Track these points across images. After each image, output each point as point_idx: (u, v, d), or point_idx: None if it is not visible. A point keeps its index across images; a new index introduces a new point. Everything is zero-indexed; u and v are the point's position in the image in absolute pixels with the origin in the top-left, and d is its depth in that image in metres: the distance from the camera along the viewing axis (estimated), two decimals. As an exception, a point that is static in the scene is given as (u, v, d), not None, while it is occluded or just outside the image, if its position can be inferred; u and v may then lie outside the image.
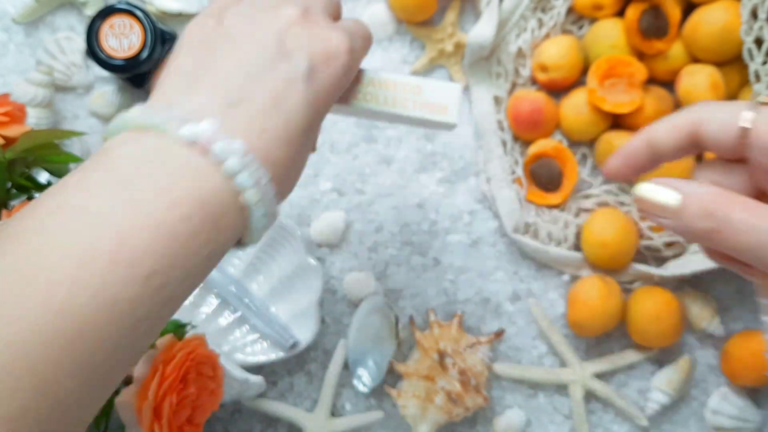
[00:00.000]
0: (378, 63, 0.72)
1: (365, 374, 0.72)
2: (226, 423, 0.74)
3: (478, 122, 0.71)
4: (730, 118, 0.38)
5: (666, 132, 0.41)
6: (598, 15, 0.69)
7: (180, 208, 0.32)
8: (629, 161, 0.43)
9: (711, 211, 0.36)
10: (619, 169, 0.43)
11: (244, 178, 0.35)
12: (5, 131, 0.60)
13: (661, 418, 0.72)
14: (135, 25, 0.65)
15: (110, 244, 0.30)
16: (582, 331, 0.68)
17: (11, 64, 0.74)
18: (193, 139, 0.34)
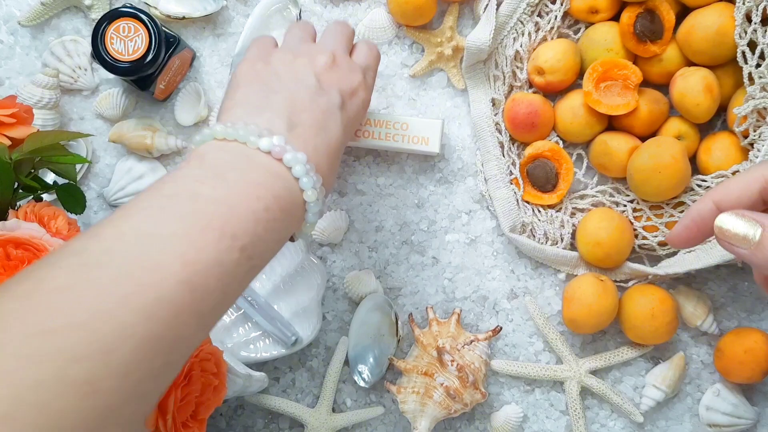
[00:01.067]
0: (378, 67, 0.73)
1: (365, 370, 0.73)
2: (230, 418, 0.75)
3: (475, 124, 0.72)
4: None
5: (738, 191, 0.42)
6: (594, 19, 0.70)
7: (264, 200, 0.43)
8: (698, 225, 0.43)
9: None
10: (687, 237, 0.44)
11: (306, 181, 0.46)
12: (12, 132, 0.61)
13: (655, 414, 0.73)
14: (140, 29, 0.66)
15: (220, 221, 0.39)
16: (578, 328, 0.69)
17: (18, 67, 0.75)
18: (268, 149, 0.45)
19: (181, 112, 0.74)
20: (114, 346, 0.33)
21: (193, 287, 0.37)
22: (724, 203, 0.42)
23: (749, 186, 0.41)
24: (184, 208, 0.39)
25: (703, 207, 0.43)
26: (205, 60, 0.75)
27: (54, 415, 0.30)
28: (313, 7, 0.74)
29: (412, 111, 0.73)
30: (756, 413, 0.70)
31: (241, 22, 0.74)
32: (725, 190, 0.42)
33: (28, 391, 0.30)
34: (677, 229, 0.44)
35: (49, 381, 0.30)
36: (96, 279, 0.34)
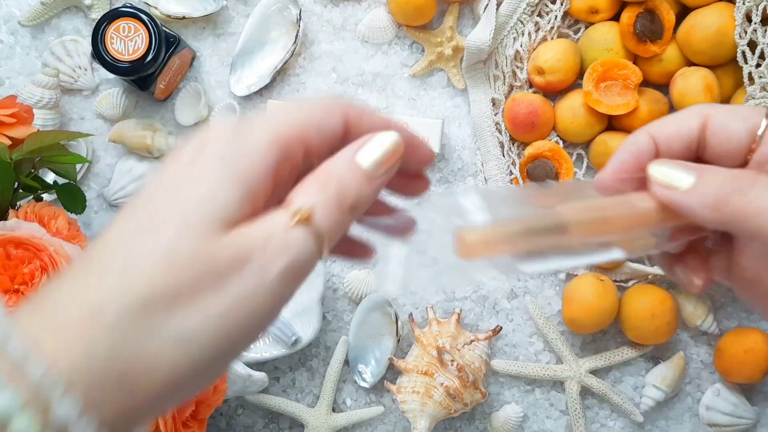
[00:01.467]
0: (378, 67, 0.73)
1: (366, 370, 0.73)
2: (230, 418, 0.75)
3: (476, 124, 0.72)
4: (744, 124, 0.36)
5: (677, 126, 0.38)
6: (594, 19, 0.70)
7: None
8: (636, 158, 0.39)
9: (735, 173, 0.34)
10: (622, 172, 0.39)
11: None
12: (12, 132, 0.61)
13: (655, 413, 0.73)
14: (140, 29, 0.66)
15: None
16: (578, 328, 0.69)
17: (18, 67, 0.75)
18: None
19: (181, 112, 0.74)
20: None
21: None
22: (660, 136, 0.38)
23: (688, 121, 0.38)
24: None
25: (640, 138, 0.39)
26: (205, 60, 0.75)
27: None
28: (313, 7, 0.74)
29: (412, 111, 0.73)
30: (756, 413, 0.70)
31: (241, 22, 0.74)
32: (662, 124, 0.39)
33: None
34: (612, 164, 0.39)
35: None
36: None
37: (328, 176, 0.31)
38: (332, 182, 0.31)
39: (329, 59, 0.74)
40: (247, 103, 0.74)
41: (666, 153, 0.38)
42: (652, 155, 0.38)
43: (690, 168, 0.35)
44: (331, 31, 0.74)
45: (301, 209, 0.30)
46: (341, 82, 0.74)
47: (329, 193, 0.31)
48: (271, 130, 0.31)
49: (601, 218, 0.35)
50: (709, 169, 0.35)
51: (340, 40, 0.74)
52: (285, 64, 0.73)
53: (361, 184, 0.32)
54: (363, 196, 0.32)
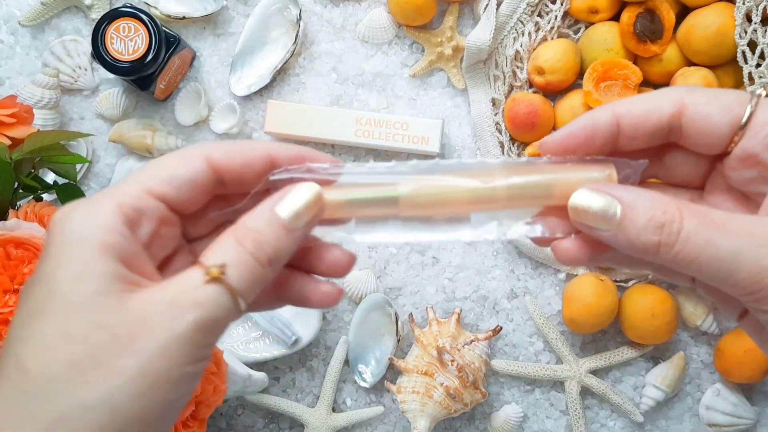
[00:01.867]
0: (378, 67, 0.73)
1: (366, 370, 0.73)
2: (230, 418, 0.75)
3: (476, 124, 0.72)
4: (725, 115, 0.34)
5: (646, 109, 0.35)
6: (594, 19, 0.70)
7: None
8: (586, 133, 0.35)
9: (659, 222, 0.31)
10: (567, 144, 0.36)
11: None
12: (12, 132, 0.61)
13: (655, 413, 0.73)
14: (140, 29, 0.66)
15: None
16: (578, 328, 0.69)
17: (18, 67, 0.75)
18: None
19: (181, 111, 0.74)
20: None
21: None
22: (626, 119, 0.35)
23: (661, 106, 0.34)
24: None
25: (601, 115, 0.35)
26: (205, 60, 0.75)
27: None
28: (313, 7, 0.74)
29: (412, 111, 0.74)
30: (756, 413, 0.70)
31: (242, 22, 0.74)
32: (631, 104, 0.35)
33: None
34: (560, 133, 0.35)
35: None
36: None
37: (245, 231, 0.32)
38: (249, 237, 0.31)
39: (329, 59, 0.74)
40: (247, 103, 0.74)
41: (629, 136, 0.35)
42: (610, 137, 0.35)
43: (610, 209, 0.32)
44: (331, 31, 0.74)
45: (212, 267, 0.30)
46: (341, 82, 0.74)
47: (246, 247, 0.31)
48: (112, 198, 0.31)
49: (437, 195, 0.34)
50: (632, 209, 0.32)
51: (340, 40, 0.74)
52: (285, 64, 0.73)
53: (279, 237, 0.32)
54: (282, 249, 0.32)
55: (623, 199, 0.32)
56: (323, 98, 0.74)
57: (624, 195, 0.32)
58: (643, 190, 0.33)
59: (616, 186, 0.33)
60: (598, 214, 0.33)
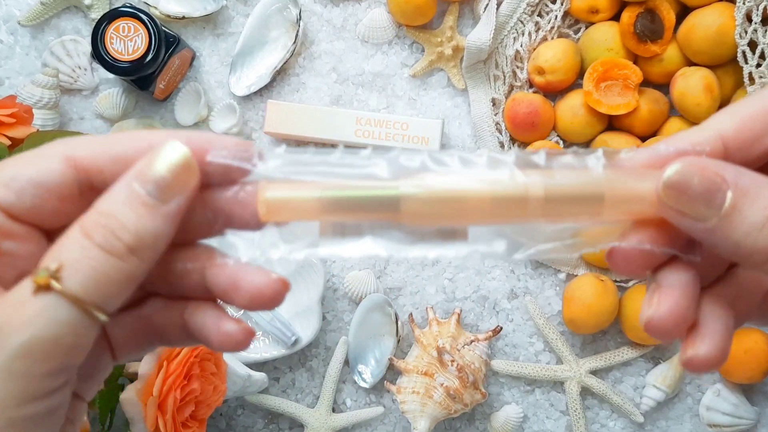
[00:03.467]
0: (378, 67, 0.73)
1: (366, 370, 0.73)
2: (230, 418, 0.75)
3: (476, 124, 0.72)
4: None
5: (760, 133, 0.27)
6: (594, 19, 0.70)
7: None
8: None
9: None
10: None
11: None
12: (12, 132, 0.61)
13: (656, 414, 0.73)
14: (140, 29, 0.66)
15: None
16: (578, 328, 0.69)
17: (17, 67, 0.75)
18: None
19: (181, 111, 0.74)
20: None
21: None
22: (733, 143, 0.27)
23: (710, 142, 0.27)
24: None
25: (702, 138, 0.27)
26: (205, 60, 0.75)
27: None
28: (313, 7, 0.74)
29: (412, 111, 0.73)
30: (756, 413, 0.70)
31: (241, 22, 0.74)
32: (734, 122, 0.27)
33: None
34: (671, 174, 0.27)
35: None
36: None
37: (94, 218, 0.25)
38: (98, 225, 0.24)
39: (329, 59, 0.74)
40: (246, 103, 0.74)
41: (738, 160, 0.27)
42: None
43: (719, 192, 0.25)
44: (331, 31, 0.74)
45: (40, 272, 0.24)
46: (341, 82, 0.74)
47: (93, 239, 0.24)
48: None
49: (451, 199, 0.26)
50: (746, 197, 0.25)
51: (340, 40, 0.74)
52: (285, 64, 0.73)
53: (141, 216, 0.25)
54: (148, 232, 0.25)
55: (736, 182, 0.25)
56: (323, 98, 0.74)
57: (737, 177, 0.25)
58: (763, 177, 0.25)
59: (727, 164, 0.25)
60: (700, 197, 0.25)
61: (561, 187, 0.26)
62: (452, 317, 0.71)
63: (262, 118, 0.74)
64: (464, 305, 0.73)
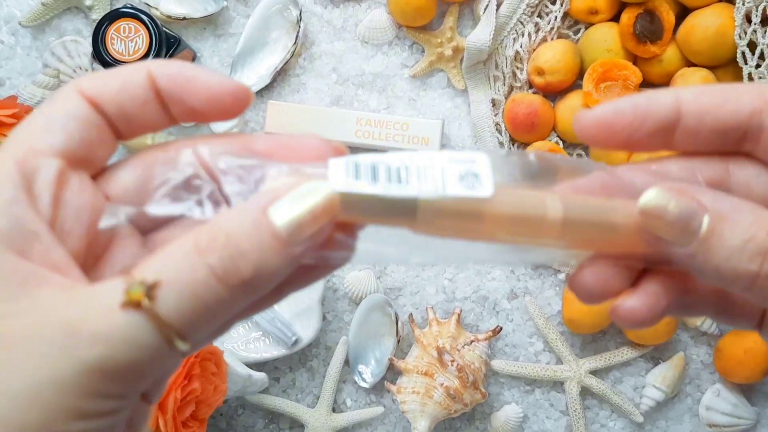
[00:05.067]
0: (379, 67, 0.73)
1: (366, 370, 0.73)
2: (230, 418, 0.75)
3: (476, 124, 0.72)
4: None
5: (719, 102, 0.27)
6: (594, 20, 0.70)
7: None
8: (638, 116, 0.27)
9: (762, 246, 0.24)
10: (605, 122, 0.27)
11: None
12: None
13: (655, 414, 0.73)
14: (140, 29, 0.66)
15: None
16: (577, 328, 0.69)
17: (18, 67, 0.75)
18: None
19: (181, 112, 0.74)
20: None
21: None
22: (691, 106, 0.27)
23: (740, 99, 0.27)
24: None
25: (661, 97, 0.27)
26: (206, 60, 0.75)
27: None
28: (313, 7, 0.74)
29: (412, 111, 0.74)
30: (756, 413, 0.70)
31: (242, 23, 0.74)
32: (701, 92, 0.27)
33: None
34: (604, 108, 0.27)
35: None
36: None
37: (213, 234, 0.22)
38: (217, 244, 0.21)
39: (329, 60, 0.74)
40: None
41: (690, 130, 0.27)
42: (665, 126, 0.27)
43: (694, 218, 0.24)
44: (331, 32, 0.74)
45: (135, 284, 0.21)
46: (341, 83, 0.74)
47: (206, 259, 0.21)
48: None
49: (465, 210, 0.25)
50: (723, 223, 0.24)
51: (340, 41, 0.74)
52: (285, 65, 0.73)
53: (266, 250, 0.22)
54: (269, 269, 0.22)
55: (714, 206, 0.24)
56: (323, 99, 0.74)
57: (715, 202, 0.25)
58: (741, 200, 0.25)
59: (705, 189, 0.25)
60: (676, 223, 0.24)
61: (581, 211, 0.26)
62: (452, 317, 0.71)
63: (263, 119, 0.74)
64: (464, 305, 0.73)
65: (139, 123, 0.25)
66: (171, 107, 0.25)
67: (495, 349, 0.73)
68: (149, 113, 0.25)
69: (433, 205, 0.24)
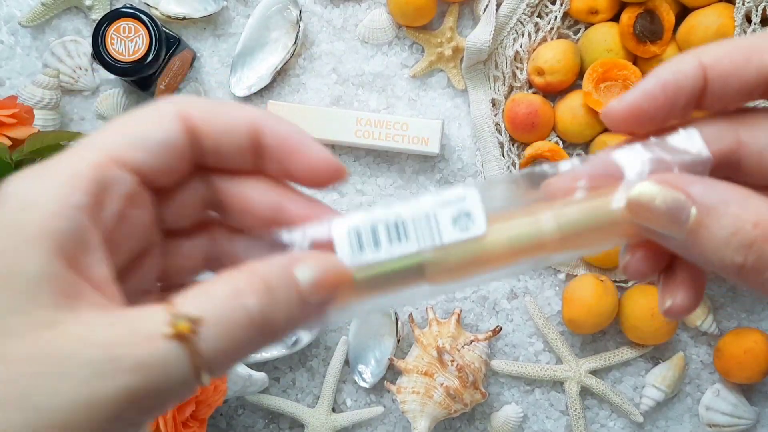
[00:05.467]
0: (378, 67, 0.73)
1: (366, 370, 0.73)
2: (230, 418, 0.75)
3: (475, 124, 0.72)
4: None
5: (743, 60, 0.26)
6: (594, 19, 0.70)
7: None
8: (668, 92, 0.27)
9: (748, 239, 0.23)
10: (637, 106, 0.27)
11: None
12: (13, 133, 0.61)
13: (655, 414, 0.73)
14: (140, 29, 0.67)
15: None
16: (577, 328, 0.69)
17: (18, 67, 0.75)
18: None
19: (181, 112, 0.74)
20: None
21: None
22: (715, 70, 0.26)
23: (762, 51, 0.26)
24: None
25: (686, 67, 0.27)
26: (206, 60, 0.75)
27: None
28: (313, 7, 0.74)
29: (412, 111, 0.74)
30: (756, 413, 0.70)
31: (242, 23, 0.74)
32: (722, 51, 0.27)
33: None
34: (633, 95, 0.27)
35: None
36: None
37: (252, 280, 0.23)
38: (257, 290, 0.22)
39: (329, 60, 0.74)
40: (247, 103, 0.74)
41: (718, 94, 0.27)
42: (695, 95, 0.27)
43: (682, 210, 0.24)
44: (331, 32, 0.74)
45: (181, 318, 0.21)
46: (341, 83, 0.74)
47: (245, 303, 0.22)
48: (68, 166, 0.23)
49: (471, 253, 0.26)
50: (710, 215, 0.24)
51: (340, 41, 0.74)
52: (285, 65, 0.73)
53: (294, 303, 0.23)
54: (290, 322, 0.23)
55: (700, 198, 0.24)
56: (323, 99, 0.74)
57: (702, 193, 0.24)
58: (729, 189, 0.24)
59: (694, 179, 0.25)
60: (664, 215, 0.24)
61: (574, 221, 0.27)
62: (452, 317, 0.71)
63: (263, 119, 0.74)
64: (464, 305, 0.73)
65: (227, 164, 0.26)
66: (267, 162, 0.27)
67: (495, 349, 0.73)
68: (241, 159, 0.26)
69: (438, 265, 0.26)
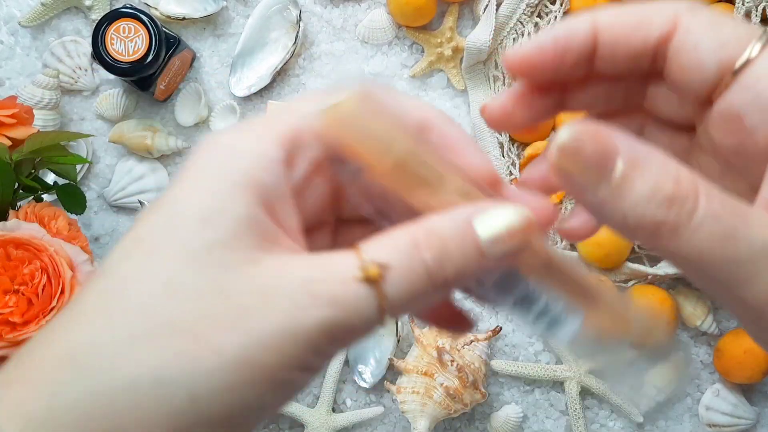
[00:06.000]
0: (378, 67, 0.73)
1: (366, 370, 0.73)
2: (230, 418, 0.75)
3: (475, 124, 0.72)
4: (719, 52, 0.26)
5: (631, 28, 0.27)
6: (594, 19, 0.70)
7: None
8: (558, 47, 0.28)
9: (669, 194, 0.23)
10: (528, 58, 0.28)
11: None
12: (12, 133, 0.61)
13: (655, 414, 0.73)
14: (140, 29, 0.67)
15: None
16: (577, 328, 0.69)
17: (18, 67, 0.75)
18: None
19: (181, 112, 0.74)
20: None
21: None
22: (605, 34, 0.27)
23: (650, 23, 0.27)
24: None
25: (578, 26, 0.27)
26: (206, 60, 0.75)
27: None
28: (313, 7, 0.74)
29: (412, 111, 0.73)
30: (755, 413, 0.70)
31: (242, 23, 0.74)
32: (616, 16, 0.27)
33: None
34: (527, 46, 0.28)
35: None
36: None
37: (429, 234, 0.24)
38: (432, 244, 0.24)
39: (329, 60, 0.74)
40: (247, 103, 0.74)
41: (607, 57, 0.28)
42: (585, 55, 0.28)
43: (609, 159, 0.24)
44: (331, 32, 0.74)
45: (371, 263, 0.23)
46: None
47: (422, 255, 0.24)
48: (268, 127, 0.26)
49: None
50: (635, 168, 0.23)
51: (340, 41, 0.74)
52: (285, 65, 0.73)
53: (469, 257, 0.24)
54: (466, 273, 0.24)
55: (629, 152, 0.23)
56: (323, 99, 0.74)
57: (630, 148, 0.24)
58: (653, 149, 0.24)
59: (622, 134, 0.24)
60: (592, 162, 0.23)
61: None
62: (452, 317, 0.71)
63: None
64: (464, 305, 0.73)
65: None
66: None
67: (495, 349, 0.73)
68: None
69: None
